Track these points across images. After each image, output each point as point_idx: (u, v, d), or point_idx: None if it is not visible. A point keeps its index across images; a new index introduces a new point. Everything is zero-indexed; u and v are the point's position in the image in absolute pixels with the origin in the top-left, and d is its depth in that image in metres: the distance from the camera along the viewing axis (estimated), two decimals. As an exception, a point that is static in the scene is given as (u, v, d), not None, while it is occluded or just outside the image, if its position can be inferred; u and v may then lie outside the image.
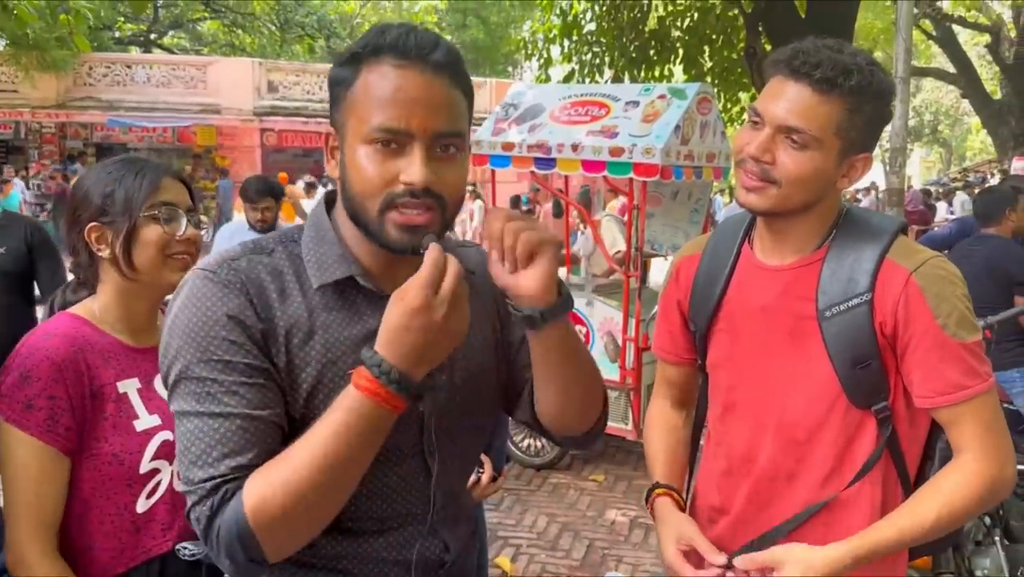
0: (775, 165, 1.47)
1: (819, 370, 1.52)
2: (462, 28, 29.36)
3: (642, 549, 4.55)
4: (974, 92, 19.53)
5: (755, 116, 1.50)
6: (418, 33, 1.16)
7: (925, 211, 15.28)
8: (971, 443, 1.46)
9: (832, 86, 1.43)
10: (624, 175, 5.10)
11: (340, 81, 1.18)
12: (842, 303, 1.49)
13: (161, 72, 20.63)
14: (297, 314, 1.19)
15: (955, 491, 1.45)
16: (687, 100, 5.14)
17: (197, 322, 1.14)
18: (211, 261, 1.20)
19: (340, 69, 1.18)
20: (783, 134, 1.46)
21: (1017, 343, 4.40)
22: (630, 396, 5.34)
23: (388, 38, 1.15)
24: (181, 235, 1.65)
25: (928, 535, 1.46)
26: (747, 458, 1.62)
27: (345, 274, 1.21)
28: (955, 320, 1.44)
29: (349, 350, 1.20)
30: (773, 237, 1.59)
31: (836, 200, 1.57)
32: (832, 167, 1.48)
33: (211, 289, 1.16)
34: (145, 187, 1.63)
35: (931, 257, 1.49)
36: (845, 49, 1.46)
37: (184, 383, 1.14)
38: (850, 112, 1.45)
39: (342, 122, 1.19)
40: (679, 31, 9.69)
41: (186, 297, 1.16)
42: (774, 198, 1.49)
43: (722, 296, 1.64)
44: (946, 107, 36.20)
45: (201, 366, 1.13)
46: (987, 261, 4.34)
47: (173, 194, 1.67)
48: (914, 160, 38.03)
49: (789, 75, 1.46)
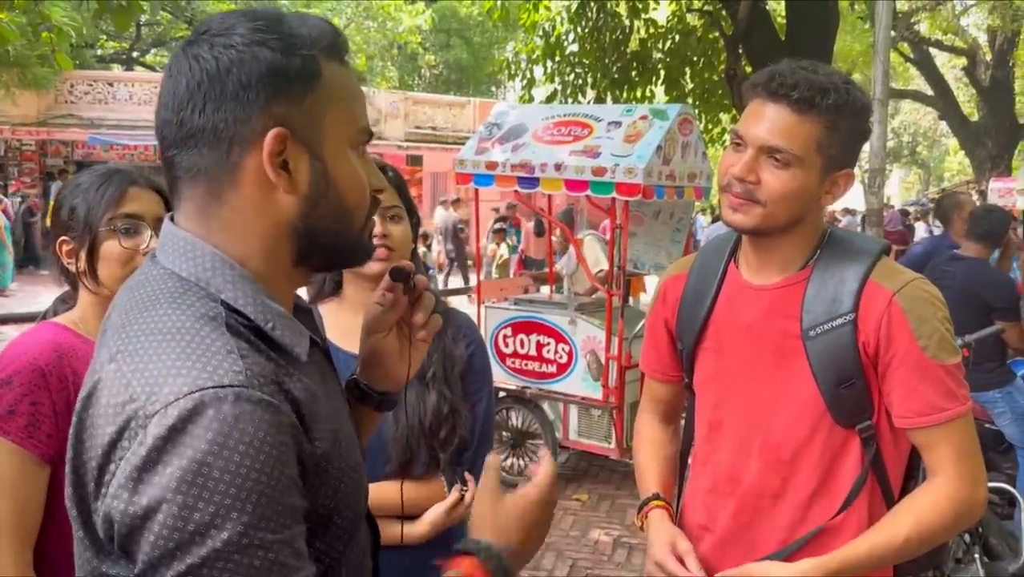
0: (759, 185, 1.49)
1: (804, 389, 1.53)
2: (446, 48, 29.50)
3: (625, 569, 4.54)
4: (951, 114, 19.80)
5: (737, 139, 1.53)
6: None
7: (904, 231, 15.41)
8: (946, 465, 1.48)
9: (811, 106, 1.46)
10: (606, 195, 5.13)
11: (298, 74, 0.94)
12: (826, 323, 1.50)
13: (143, 90, 20.54)
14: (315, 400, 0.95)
15: (928, 512, 1.47)
16: (668, 121, 5.18)
17: (253, 466, 0.81)
18: (211, 371, 0.84)
19: (286, 57, 0.93)
20: (766, 154, 1.48)
21: (998, 364, 4.44)
22: (613, 415, 5.34)
23: (335, 34, 1.00)
24: (145, 248, 1.59)
25: (899, 555, 1.48)
26: (733, 476, 1.63)
27: (307, 336, 0.99)
28: (936, 342, 1.46)
29: (344, 421, 1.05)
30: (758, 256, 1.61)
31: (819, 219, 1.59)
32: (815, 184, 1.51)
33: (261, 416, 0.83)
34: (106, 200, 1.59)
35: (914, 279, 1.51)
36: (820, 70, 1.50)
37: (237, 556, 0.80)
38: (829, 130, 1.47)
39: (306, 123, 0.95)
40: (660, 53, 9.79)
41: (226, 427, 0.81)
42: (759, 217, 1.51)
43: (708, 315, 1.66)
44: (924, 129, 36.63)
45: (265, 525, 0.82)
46: (963, 286, 4.35)
47: (139, 205, 1.62)
48: (893, 181, 38.49)
49: (768, 97, 1.49)
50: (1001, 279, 4.58)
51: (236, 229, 0.96)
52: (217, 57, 0.92)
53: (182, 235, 0.97)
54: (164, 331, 0.88)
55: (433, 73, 31.50)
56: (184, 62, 0.94)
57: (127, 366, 0.87)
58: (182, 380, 0.83)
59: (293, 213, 0.96)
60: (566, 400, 5.53)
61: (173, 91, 0.94)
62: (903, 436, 1.54)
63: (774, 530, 1.58)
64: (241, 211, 0.95)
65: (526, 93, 10.10)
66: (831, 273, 1.53)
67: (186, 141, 0.94)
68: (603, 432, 5.47)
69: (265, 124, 0.92)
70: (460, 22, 28.58)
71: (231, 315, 0.92)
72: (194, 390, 0.82)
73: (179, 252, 0.96)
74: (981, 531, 3.14)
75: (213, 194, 0.95)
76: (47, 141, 19.91)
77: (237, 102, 0.91)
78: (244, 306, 0.93)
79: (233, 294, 0.93)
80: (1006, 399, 4.44)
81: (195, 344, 0.86)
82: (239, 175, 0.94)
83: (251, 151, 0.93)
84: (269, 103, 0.92)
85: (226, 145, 0.92)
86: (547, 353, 5.53)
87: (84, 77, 20.29)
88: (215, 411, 0.81)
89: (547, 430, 5.56)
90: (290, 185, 0.94)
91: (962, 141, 20.21)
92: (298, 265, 1.00)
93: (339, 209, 0.99)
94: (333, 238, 1.00)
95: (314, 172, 0.96)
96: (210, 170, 0.94)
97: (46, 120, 19.21)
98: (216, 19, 0.96)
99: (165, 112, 0.95)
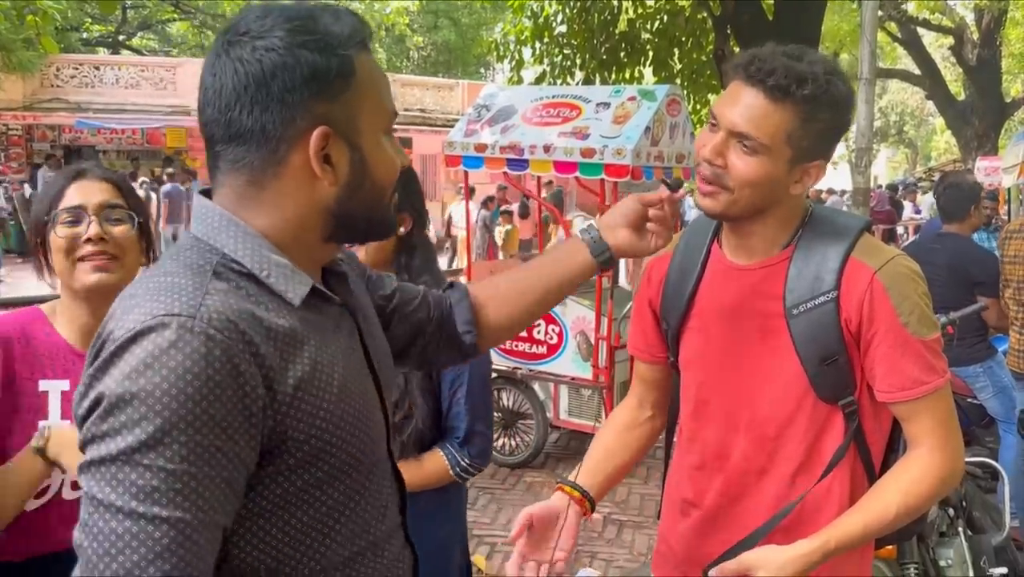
0: (726, 169, 1.49)
1: (787, 366, 1.55)
2: (434, 30, 29.32)
3: (616, 545, 4.60)
4: (938, 93, 19.81)
5: (713, 119, 1.53)
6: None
7: (892, 211, 15.47)
8: (927, 437, 1.51)
9: (785, 94, 1.44)
10: (595, 176, 5.15)
11: (337, 73, 1.02)
12: (809, 301, 1.52)
13: (130, 73, 20.39)
14: (295, 341, 1.03)
15: (914, 484, 1.49)
16: (657, 102, 5.20)
17: (172, 388, 0.90)
18: (172, 302, 0.95)
19: (324, 58, 1.01)
20: (735, 139, 1.48)
21: (979, 339, 4.51)
22: (602, 394, 5.39)
23: (363, 26, 1.08)
24: (86, 235, 1.63)
25: (889, 527, 1.50)
26: (719, 454, 1.65)
27: (309, 284, 1.08)
28: (916, 318, 1.49)
29: (345, 365, 1.10)
30: (738, 238, 1.62)
31: (797, 203, 1.59)
32: (782, 173, 1.50)
33: (195, 345, 0.92)
34: (49, 198, 1.67)
35: (895, 256, 1.53)
36: (805, 57, 1.47)
37: (126, 468, 0.90)
38: (803, 120, 1.46)
39: (345, 118, 1.04)
40: (649, 33, 9.77)
41: (157, 351, 0.91)
42: (725, 203, 1.51)
43: (693, 295, 1.67)
44: (911, 108, 36.69)
45: (160, 451, 0.90)
46: (948, 262, 4.41)
47: (82, 196, 1.66)
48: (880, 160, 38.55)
49: (745, 80, 1.48)
50: (985, 254, 4.64)
51: (267, 212, 1.06)
52: (260, 60, 1.00)
53: (201, 203, 1.08)
54: (155, 278, 1.00)
55: (421, 55, 31.32)
56: (228, 63, 1.01)
57: (118, 306, 1.00)
58: (144, 311, 0.94)
59: (331, 199, 1.07)
60: (556, 380, 5.58)
61: (218, 91, 1.02)
62: (885, 411, 1.57)
63: (760, 505, 1.61)
64: (280, 196, 1.05)
65: (515, 75, 10.09)
66: (813, 252, 1.54)
67: (234, 139, 1.03)
68: (593, 411, 5.53)
69: (309, 123, 1.01)
70: (448, 3, 28.37)
71: (227, 264, 1.03)
72: (147, 318, 0.93)
73: (197, 217, 1.08)
74: (965, 505, 3.19)
75: (256, 184, 1.05)
76: (34, 126, 19.77)
77: (283, 104, 1.00)
78: (242, 257, 1.03)
79: (233, 247, 1.04)
80: (987, 373, 4.51)
81: (170, 286, 0.97)
82: (284, 168, 1.04)
83: (297, 148, 1.03)
84: (312, 103, 1.01)
85: (274, 144, 1.02)
86: (537, 334, 5.58)
87: (70, 61, 20.12)
88: (156, 335, 0.92)
89: (538, 410, 5.61)
90: (333, 177, 1.05)
91: (949, 120, 20.25)
92: (328, 240, 1.12)
93: (373, 192, 1.10)
94: (366, 217, 1.11)
95: (353, 162, 1.06)
96: (256, 163, 1.04)
97: (32, 104, 19.06)
98: (252, 19, 1.03)
99: (211, 111, 1.03)
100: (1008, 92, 21.69)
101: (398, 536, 1.23)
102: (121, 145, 20.90)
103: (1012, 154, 8.27)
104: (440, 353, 1.49)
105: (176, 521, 0.90)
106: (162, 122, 20.12)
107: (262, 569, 1.03)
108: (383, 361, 1.25)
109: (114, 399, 0.91)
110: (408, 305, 1.44)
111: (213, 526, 0.94)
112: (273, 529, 1.03)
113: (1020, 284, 4.13)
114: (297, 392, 1.00)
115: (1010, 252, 4.18)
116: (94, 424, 0.92)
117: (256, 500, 1.01)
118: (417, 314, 1.44)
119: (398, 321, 1.42)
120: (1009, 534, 3.18)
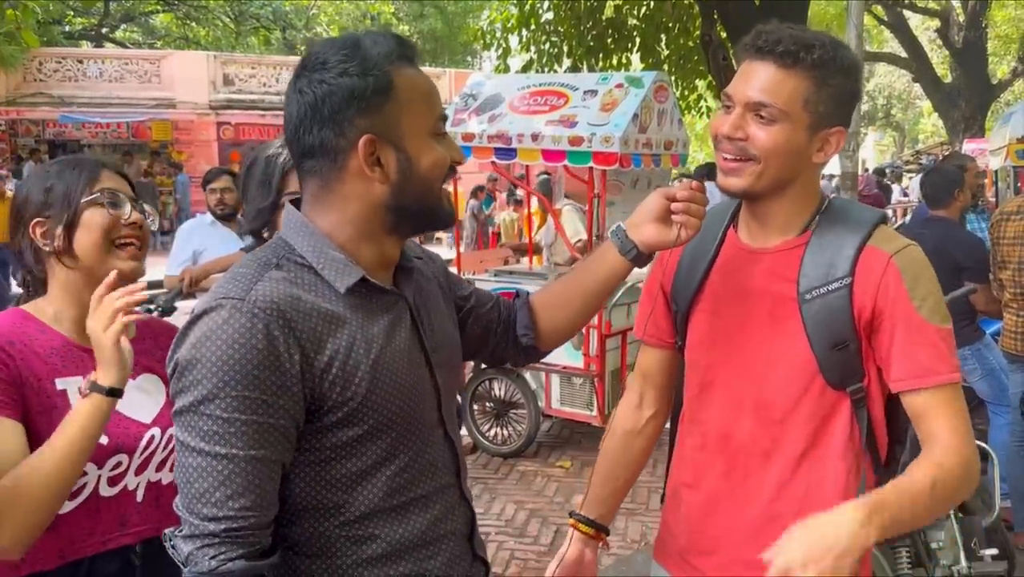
0: (749, 140, 1.50)
1: (797, 350, 1.55)
2: (420, 18, 29.18)
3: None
4: (925, 76, 19.83)
5: (727, 100, 1.54)
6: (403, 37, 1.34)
7: (880, 194, 15.49)
8: (950, 435, 1.46)
9: (795, 60, 1.47)
10: (584, 164, 5.14)
11: (374, 90, 1.24)
12: (822, 286, 1.52)
13: (114, 67, 20.27)
14: (336, 320, 1.26)
15: (945, 486, 1.43)
16: (644, 88, 5.19)
17: (223, 356, 1.16)
18: (232, 288, 1.22)
19: (363, 79, 1.23)
20: (752, 111, 1.49)
21: (967, 322, 4.51)
22: (594, 383, 5.40)
23: (401, 44, 1.29)
24: (127, 219, 1.65)
25: (919, 525, 1.50)
26: (723, 435, 1.65)
27: (359, 276, 1.29)
28: (929, 305, 1.49)
29: (385, 343, 1.30)
30: (757, 220, 1.62)
31: (815, 181, 1.60)
32: (804, 140, 1.51)
33: (242, 321, 1.18)
34: (84, 177, 1.65)
35: (910, 244, 1.55)
36: (807, 30, 1.52)
37: (195, 416, 1.18)
38: (817, 85, 1.48)
39: (388, 126, 1.26)
40: (636, 20, 9.76)
41: (214, 326, 1.18)
42: (752, 176, 1.52)
43: (705, 277, 1.67)
44: (899, 91, 36.71)
45: (217, 404, 1.17)
46: (934, 248, 4.40)
47: (114, 183, 1.68)
48: (868, 144, 38.53)
49: (754, 55, 1.50)
50: (971, 239, 4.64)
51: (336, 211, 1.30)
52: (314, 91, 1.24)
53: (288, 209, 1.36)
54: (234, 268, 1.28)
55: (407, 44, 31.12)
56: (294, 95, 1.27)
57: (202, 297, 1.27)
58: (213, 294, 1.23)
59: (386, 196, 1.28)
60: (548, 369, 5.58)
61: (290, 117, 1.28)
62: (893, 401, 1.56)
63: (763, 487, 1.60)
64: (344, 197, 1.29)
65: (502, 63, 10.07)
66: (830, 238, 1.55)
67: (306, 154, 1.28)
68: (585, 400, 5.54)
69: (357, 134, 1.25)
70: (433, -9, 28.26)
71: (292, 257, 1.29)
72: (212, 300, 1.21)
73: (285, 223, 1.35)
74: (955, 486, 3.21)
75: (325, 187, 1.30)
76: (17, 120, 19.62)
77: (334, 123, 1.24)
78: (306, 252, 1.29)
79: (302, 244, 1.30)
80: (976, 356, 4.52)
81: (236, 275, 1.25)
82: (344, 173, 1.28)
83: (351, 155, 1.26)
84: (356, 118, 1.24)
85: (333, 154, 1.26)
86: (528, 323, 5.55)
87: (53, 54, 19.96)
88: (215, 313, 1.19)
89: (530, 399, 5.62)
90: (383, 176, 1.27)
91: (936, 103, 20.27)
92: (391, 233, 1.34)
93: (422, 186, 1.30)
94: (418, 209, 1.31)
95: (399, 161, 1.27)
96: (324, 171, 1.29)
97: (15, 99, 18.92)
98: (313, 54, 1.27)
99: (288, 133, 1.30)
100: (994, 74, 21.74)
101: (450, 493, 1.42)
102: (106, 139, 20.76)
103: (999, 136, 8.31)
104: (507, 352, 1.71)
105: (232, 456, 1.17)
106: (147, 115, 20.01)
107: (320, 507, 1.28)
108: (439, 343, 1.44)
109: (184, 364, 1.19)
110: (482, 307, 1.66)
111: (267, 461, 1.20)
112: (325, 474, 1.28)
113: (1020, 265, 4.08)
114: (333, 361, 1.23)
115: (1009, 233, 4.13)
116: (174, 383, 1.21)
117: (309, 450, 1.26)
118: (489, 315, 1.66)
119: (473, 320, 1.64)
120: (999, 515, 3.19)
